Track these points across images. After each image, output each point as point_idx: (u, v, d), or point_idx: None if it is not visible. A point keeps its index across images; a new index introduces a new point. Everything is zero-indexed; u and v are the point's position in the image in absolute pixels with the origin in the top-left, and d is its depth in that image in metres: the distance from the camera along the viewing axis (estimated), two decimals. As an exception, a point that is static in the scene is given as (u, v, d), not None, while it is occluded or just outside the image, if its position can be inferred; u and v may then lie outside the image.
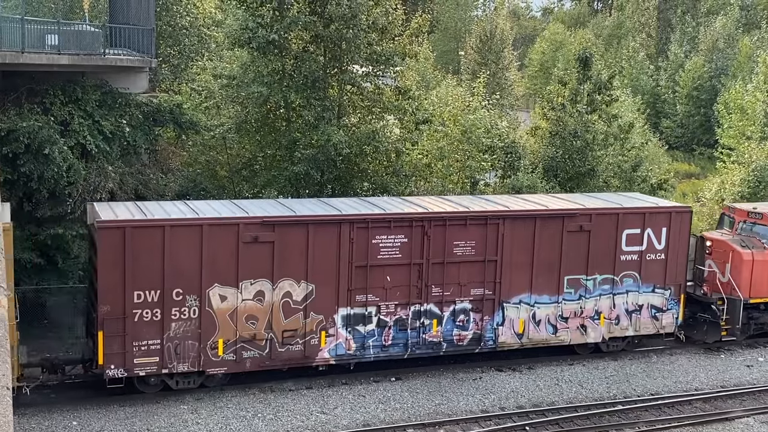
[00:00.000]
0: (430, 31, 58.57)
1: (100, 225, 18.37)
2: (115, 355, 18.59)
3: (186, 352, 19.14)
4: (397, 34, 26.36)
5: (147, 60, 25.23)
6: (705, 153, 54.44)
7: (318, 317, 20.17)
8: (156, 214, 19.30)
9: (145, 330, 18.75)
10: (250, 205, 21.02)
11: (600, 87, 30.28)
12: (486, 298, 21.58)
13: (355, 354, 20.76)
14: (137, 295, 18.60)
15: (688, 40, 64.98)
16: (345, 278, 20.23)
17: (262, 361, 19.91)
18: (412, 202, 22.54)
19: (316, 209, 20.69)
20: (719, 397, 21.28)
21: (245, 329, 19.57)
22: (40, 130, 21.57)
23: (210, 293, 19.17)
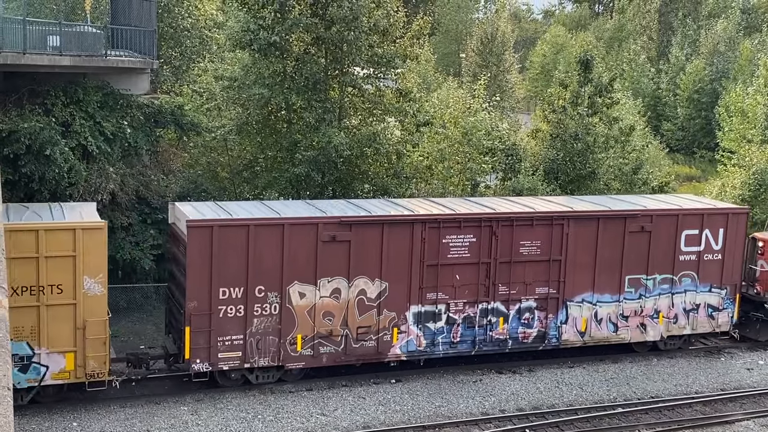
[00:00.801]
0: (431, 33, 58.63)
1: (190, 224, 18.89)
2: (201, 349, 19.22)
3: (267, 347, 19.75)
4: (399, 36, 26.37)
5: (148, 61, 25.26)
6: (706, 156, 54.46)
7: (390, 314, 20.74)
8: (239, 213, 19.88)
9: (229, 326, 19.36)
10: (325, 205, 21.60)
11: (601, 90, 30.29)
12: (550, 296, 22.13)
13: (425, 350, 21.27)
14: (222, 292, 19.18)
15: (689, 43, 65.00)
16: (417, 277, 20.75)
17: (338, 357, 20.49)
18: (477, 202, 23.14)
19: (389, 209, 21.28)
20: (719, 400, 21.28)
21: (322, 325, 20.16)
22: (42, 131, 21.59)
23: (290, 290, 19.76)
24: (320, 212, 20.35)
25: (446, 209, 21.56)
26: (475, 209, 21.82)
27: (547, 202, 23.42)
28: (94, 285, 18.19)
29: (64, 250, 17.87)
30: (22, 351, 17.90)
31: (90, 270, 18.08)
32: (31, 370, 18.07)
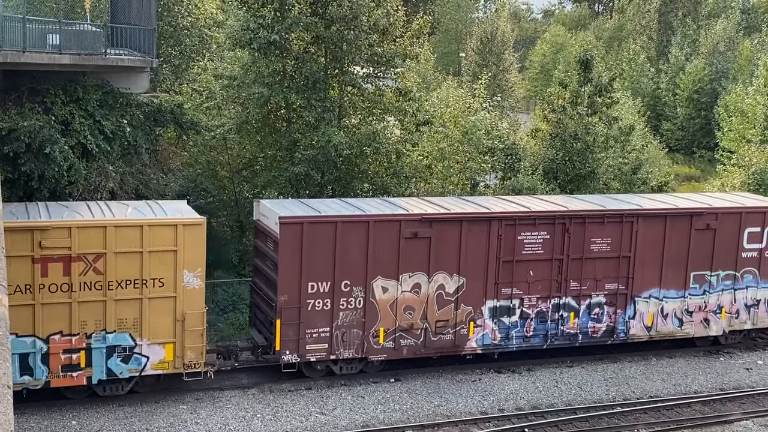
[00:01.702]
0: (430, 32, 58.58)
1: (282, 221, 19.63)
2: (290, 341, 19.98)
3: (351, 339, 20.49)
4: (398, 35, 26.37)
5: (148, 60, 25.25)
6: (705, 156, 54.45)
7: (467, 309, 21.40)
8: (325, 210, 20.61)
9: (316, 318, 20.11)
10: (403, 202, 22.35)
11: (600, 89, 30.29)
12: (619, 292, 22.75)
13: (500, 344, 21.96)
14: (311, 286, 19.94)
15: (688, 43, 64.96)
16: (493, 272, 21.45)
17: (418, 349, 21.18)
18: (545, 200, 23.81)
19: (467, 207, 21.89)
20: (718, 400, 21.29)
21: (403, 319, 20.86)
22: (41, 130, 21.58)
23: (374, 285, 20.46)
24: (401, 209, 21.11)
25: (521, 207, 22.30)
26: (549, 207, 22.49)
27: (612, 200, 24.22)
28: (192, 278, 18.98)
29: (166, 245, 18.63)
30: (125, 342, 18.69)
31: (189, 264, 18.86)
32: (132, 360, 18.82)
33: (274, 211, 20.28)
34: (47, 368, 18.15)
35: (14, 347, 17.36)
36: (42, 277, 17.81)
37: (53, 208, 19.24)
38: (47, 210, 18.97)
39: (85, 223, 18.17)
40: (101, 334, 18.45)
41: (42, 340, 18.07)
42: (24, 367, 17.97)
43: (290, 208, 20.75)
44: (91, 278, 18.13)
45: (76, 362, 18.36)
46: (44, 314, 17.98)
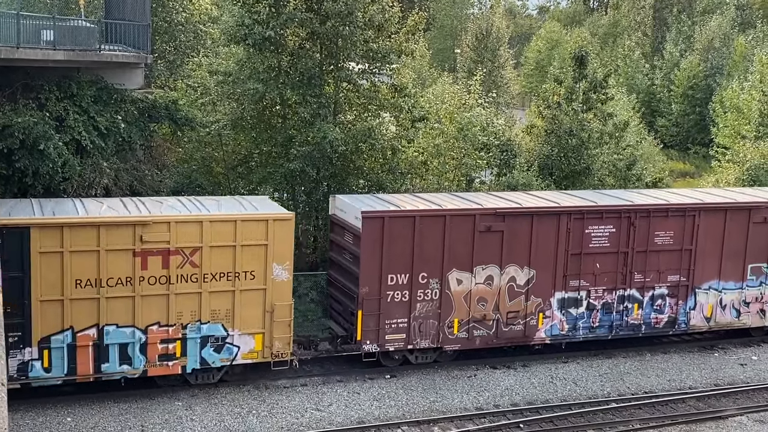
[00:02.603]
0: (426, 28, 58.57)
1: (365, 215, 20.42)
2: (371, 331, 20.77)
3: (427, 330, 21.24)
4: (394, 31, 26.31)
5: (142, 56, 25.19)
6: (700, 152, 54.51)
7: (537, 300, 22.18)
8: (402, 205, 21.43)
9: (395, 309, 20.87)
10: (473, 197, 23.17)
11: (595, 85, 30.29)
12: (681, 284, 23.51)
13: (567, 334, 22.72)
14: (390, 278, 20.69)
15: (683, 39, 64.99)
16: (561, 265, 22.20)
17: (490, 340, 21.97)
18: (609, 194, 24.57)
19: (537, 202, 22.63)
20: (713, 396, 21.33)
21: (476, 310, 21.62)
22: (35, 126, 21.51)
23: (449, 277, 21.19)
24: (476, 204, 21.89)
25: (588, 201, 23.01)
26: (615, 201, 23.21)
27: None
28: (281, 271, 19.68)
29: (258, 239, 19.36)
30: (218, 332, 19.43)
31: (278, 257, 19.56)
32: (224, 350, 19.57)
33: (353, 206, 21.22)
34: (145, 358, 18.90)
35: (115, 338, 18.62)
36: (142, 270, 18.53)
37: (149, 203, 20.05)
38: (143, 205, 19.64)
39: (184, 218, 18.93)
40: (196, 325, 19.20)
41: (141, 331, 18.79)
42: (123, 357, 18.72)
43: (368, 203, 21.58)
44: (188, 271, 18.90)
45: (172, 352, 19.13)
46: (143, 306, 18.70)
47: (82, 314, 18.29)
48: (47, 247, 17.84)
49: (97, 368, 18.61)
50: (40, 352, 18.10)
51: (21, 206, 19.19)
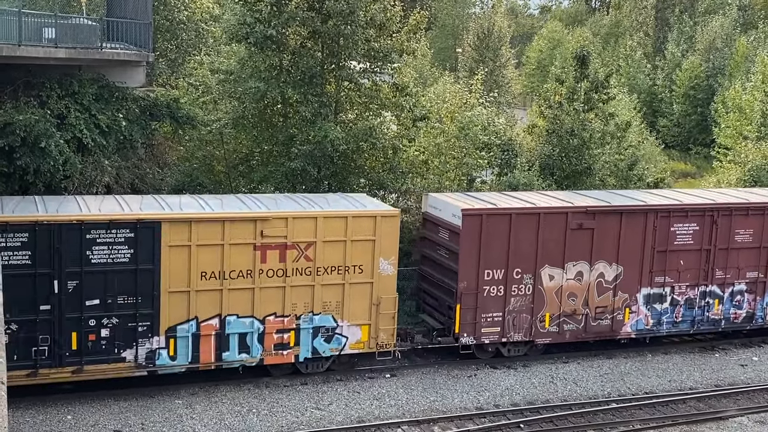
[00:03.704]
0: (427, 28, 58.57)
1: (465, 212, 21.34)
2: (468, 325, 21.68)
3: (520, 323, 22.15)
4: (395, 30, 26.30)
5: (144, 54, 25.17)
6: (701, 152, 54.43)
7: (624, 296, 23.00)
8: (497, 203, 22.28)
9: (491, 304, 21.79)
10: (563, 195, 24.08)
11: (597, 85, 30.26)
12: (758, 280, 24.33)
13: (652, 329, 23.58)
14: (487, 273, 21.59)
15: (685, 39, 64.91)
16: (648, 261, 23.02)
17: (579, 334, 22.83)
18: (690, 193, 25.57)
19: (626, 200, 23.47)
20: (713, 396, 21.33)
21: (567, 305, 22.48)
22: (37, 124, 21.51)
23: (542, 273, 22.10)
24: (567, 202, 22.65)
25: (673, 200, 23.79)
26: (698, 200, 24.04)
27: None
28: (387, 266, 20.58)
29: (366, 235, 20.28)
30: (328, 323, 20.43)
31: (385, 252, 20.48)
32: (334, 340, 20.56)
33: (450, 203, 22.06)
34: (262, 347, 19.90)
35: (235, 327, 19.61)
36: (261, 263, 19.50)
37: (265, 200, 20.98)
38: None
39: (300, 214, 19.88)
40: (309, 316, 20.17)
41: (259, 321, 19.78)
42: (242, 346, 19.71)
43: (465, 201, 22.35)
44: (303, 265, 19.86)
45: (286, 341, 20.09)
46: (262, 297, 19.66)
47: (206, 305, 19.27)
48: (176, 240, 18.78)
49: (219, 356, 19.60)
50: (167, 341, 19.07)
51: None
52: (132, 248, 18.46)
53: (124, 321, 18.67)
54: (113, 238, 18.35)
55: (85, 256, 18.16)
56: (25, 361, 18.04)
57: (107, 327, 18.58)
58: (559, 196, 24.08)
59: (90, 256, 18.22)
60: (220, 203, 20.43)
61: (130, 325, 18.74)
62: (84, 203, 19.53)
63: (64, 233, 17.99)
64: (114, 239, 18.35)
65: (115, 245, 18.38)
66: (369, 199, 22.40)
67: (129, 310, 18.67)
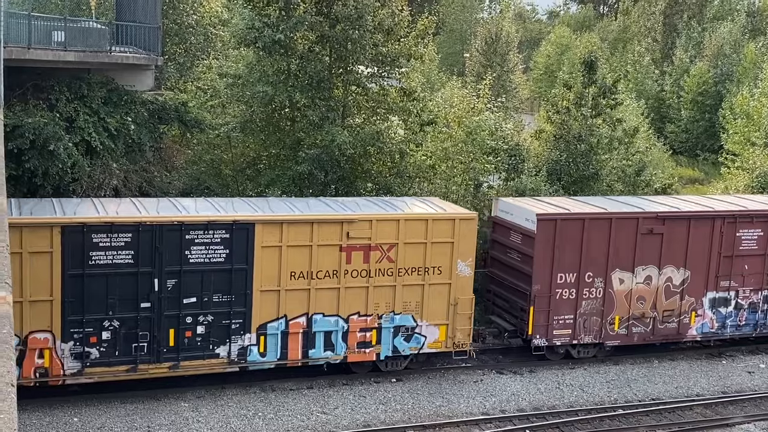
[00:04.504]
0: (435, 32, 58.61)
1: (540, 217, 21.81)
2: (541, 326, 22.17)
3: (591, 326, 22.61)
4: (403, 35, 26.34)
5: (153, 58, 25.28)
6: (709, 158, 54.31)
7: (690, 299, 23.46)
8: (569, 208, 22.82)
9: (563, 306, 22.22)
10: (634, 200, 24.66)
11: (605, 91, 30.23)
12: None
13: (717, 332, 24.05)
14: (559, 277, 22.04)
15: (693, 45, 64.82)
16: (714, 266, 23.48)
17: (646, 336, 23.28)
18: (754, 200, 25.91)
19: (694, 207, 23.87)
20: (720, 403, 21.27)
21: (636, 308, 22.94)
22: (46, 127, 21.60)
23: (612, 276, 22.51)
24: (638, 208, 23.15)
25: (739, 206, 24.26)
26: (764, 207, 24.51)
27: None
28: (464, 267, 21.00)
29: (445, 237, 20.69)
30: (408, 323, 20.89)
31: (462, 254, 20.89)
32: (413, 339, 21.05)
33: (523, 208, 22.64)
34: (345, 345, 20.41)
35: (321, 326, 20.21)
36: (346, 263, 20.01)
37: (348, 202, 21.58)
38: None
39: (384, 216, 20.40)
40: (390, 316, 20.64)
41: (343, 320, 20.30)
42: (327, 344, 20.27)
43: (538, 205, 22.95)
44: (385, 266, 20.35)
45: (368, 340, 20.62)
46: (346, 297, 20.18)
47: (295, 304, 19.81)
48: (268, 241, 19.32)
49: (305, 354, 20.15)
50: (258, 338, 19.65)
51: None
52: (227, 248, 19.04)
53: (219, 318, 19.29)
54: (210, 238, 18.93)
55: (183, 256, 18.74)
56: (125, 356, 18.70)
57: (203, 324, 19.23)
58: (627, 201, 24.66)
59: (188, 255, 18.80)
60: (307, 205, 21.01)
61: (224, 322, 19.35)
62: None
63: (165, 234, 18.55)
64: (211, 240, 18.94)
65: (211, 245, 18.96)
66: (444, 203, 22.90)
67: (223, 308, 19.28)
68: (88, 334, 18.31)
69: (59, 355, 18.18)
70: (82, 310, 18.15)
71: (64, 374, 18.32)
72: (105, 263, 18.17)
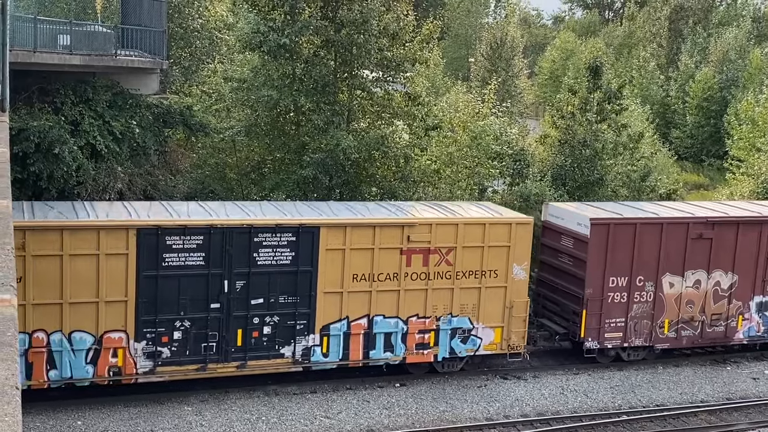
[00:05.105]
0: (440, 37, 58.64)
1: (593, 222, 22.13)
2: (593, 330, 22.51)
3: (641, 329, 22.95)
4: (408, 40, 26.36)
5: (158, 62, 25.31)
6: (714, 164, 54.25)
7: (738, 303, 23.84)
8: (623, 213, 23.07)
9: (614, 310, 22.55)
10: (684, 206, 25.09)
11: (610, 96, 30.22)
12: None
13: (763, 336, 24.50)
14: (611, 281, 22.37)
15: (698, 50, 64.77)
16: (761, 270, 23.84)
17: (695, 339, 23.67)
18: None
19: (743, 212, 24.17)
20: (725, 410, 21.21)
21: (685, 312, 23.30)
22: (51, 130, 21.63)
23: (663, 280, 22.83)
24: (687, 213, 23.54)
25: None
26: None
27: None
28: (520, 271, 21.42)
29: (502, 241, 21.09)
30: (465, 325, 21.32)
31: (518, 258, 21.30)
32: (469, 341, 21.48)
33: (575, 212, 22.95)
34: (404, 346, 20.85)
35: (381, 327, 20.59)
36: (406, 266, 20.39)
37: (406, 207, 22.04)
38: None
39: (443, 220, 20.73)
40: (447, 318, 21.04)
41: (403, 321, 20.71)
42: (387, 345, 20.71)
43: (590, 210, 23.30)
44: (443, 269, 20.70)
45: (426, 341, 21.04)
46: (406, 299, 20.56)
47: (357, 305, 20.24)
48: (333, 244, 19.75)
49: (366, 354, 20.58)
50: (321, 339, 20.11)
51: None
52: (293, 251, 19.45)
53: (284, 319, 19.73)
54: (277, 241, 19.34)
55: (252, 258, 19.15)
56: (195, 356, 19.17)
57: (269, 325, 19.69)
58: (675, 206, 25.09)
59: (256, 257, 19.21)
60: (367, 209, 21.35)
61: (290, 323, 19.78)
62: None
63: (235, 236, 18.97)
64: (278, 242, 19.37)
65: (278, 248, 19.39)
66: (498, 207, 23.37)
67: (289, 309, 19.73)
68: (160, 334, 18.80)
69: (132, 354, 18.68)
70: (155, 311, 18.68)
71: (137, 373, 18.85)
72: (177, 265, 18.64)
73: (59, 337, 18.02)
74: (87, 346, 18.29)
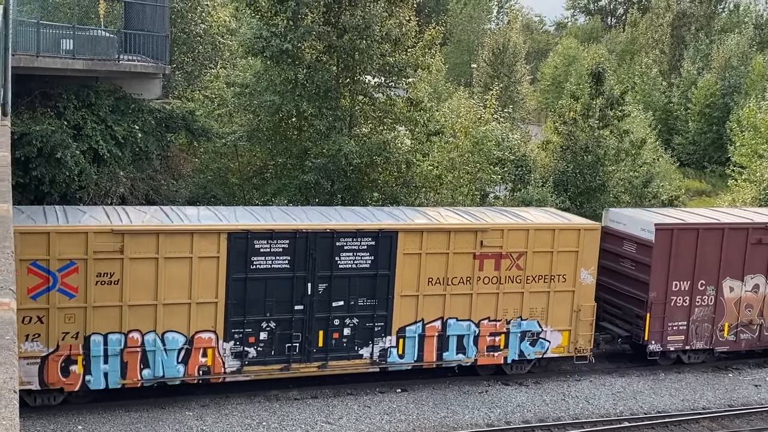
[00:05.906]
0: (443, 43, 58.71)
1: (658, 227, 22.54)
2: (656, 333, 22.90)
3: (702, 332, 23.36)
4: (410, 45, 26.41)
5: (161, 66, 25.34)
6: (716, 170, 54.28)
7: None
8: (684, 218, 23.66)
9: (677, 313, 22.97)
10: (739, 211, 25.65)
11: (612, 102, 30.24)
12: None
13: None
14: (674, 285, 22.77)
15: (701, 57, 64.84)
16: None
17: (753, 342, 24.11)
18: None
19: None
20: (727, 416, 21.15)
21: (744, 315, 23.70)
22: (53, 134, 21.66)
23: (723, 284, 23.26)
24: (746, 219, 24.08)
25: None
26: None
27: None
28: (587, 276, 21.80)
29: (570, 246, 21.51)
30: (534, 328, 21.71)
31: (585, 263, 21.73)
32: (538, 344, 21.86)
33: (638, 218, 23.36)
34: (476, 348, 21.28)
35: (454, 329, 21.06)
36: (479, 270, 20.82)
37: (476, 212, 22.38)
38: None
39: (514, 225, 21.21)
40: (517, 321, 21.46)
41: (474, 324, 21.13)
42: (459, 347, 21.13)
43: (653, 216, 23.76)
44: (514, 273, 21.15)
45: (497, 344, 21.49)
46: (478, 302, 20.99)
47: (431, 308, 20.64)
48: (409, 249, 20.19)
49: (439, 356, 21.03)
50: (397, 341, 20.56)
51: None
52: (372, 255, 19.94)
53: (363, 321, 20.21)
54: (358, 245, 19.83)
55: (334, 262, 19.67)
56: (279, 356, 19.73)
57: (349, 326, 20.15)
58: (732, 212, 25.53)
59: (338, 261, 19.73)
60: (440, 215, 21.70)
61: (368, 325, 20.26)
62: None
63: (319, 240, 19.50)
64: (358, 246, 19.85)
65: (359, 252, 19.87)
66: (563, 213, 23.95)
67: (367, 312, 20.20)
68: (247, 335, 19.27)
69: (221, 354, 19.13)
70: (243, 312, 19.15)
71: (225, 372, 19.30)
72: (265, 267, 19.14)
73: (153, 337, 18.52)
74: (179, 346, 18.78)
